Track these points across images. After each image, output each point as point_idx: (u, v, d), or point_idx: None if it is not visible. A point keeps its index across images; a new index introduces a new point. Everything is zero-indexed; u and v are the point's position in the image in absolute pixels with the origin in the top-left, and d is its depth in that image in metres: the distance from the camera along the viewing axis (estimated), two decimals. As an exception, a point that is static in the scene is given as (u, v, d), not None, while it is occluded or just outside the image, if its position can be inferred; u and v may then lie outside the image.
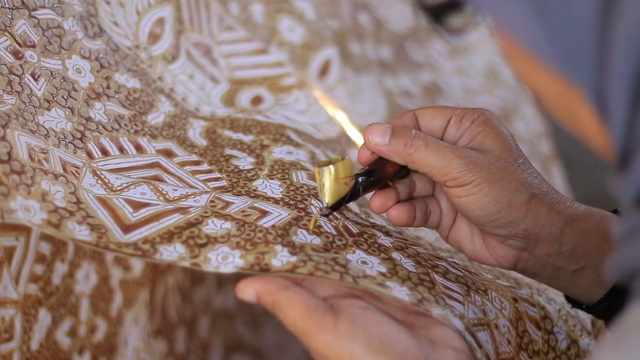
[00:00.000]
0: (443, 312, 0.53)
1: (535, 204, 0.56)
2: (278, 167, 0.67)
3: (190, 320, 0.98)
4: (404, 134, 0.57)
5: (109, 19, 0.72)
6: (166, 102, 0.73)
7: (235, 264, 0.54)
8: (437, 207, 0.62)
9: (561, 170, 1.21)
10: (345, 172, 0.57)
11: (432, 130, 0.60)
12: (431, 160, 0.56)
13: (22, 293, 0.69)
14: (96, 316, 0.78)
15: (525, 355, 0.61)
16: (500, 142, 0.58)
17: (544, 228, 0.56)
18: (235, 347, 1.07)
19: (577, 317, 0.68)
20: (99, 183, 0.61)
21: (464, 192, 0.56)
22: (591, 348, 0.66)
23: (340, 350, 0.49)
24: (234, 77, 0.81)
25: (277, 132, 0.73)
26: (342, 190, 0.57)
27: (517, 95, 1.17)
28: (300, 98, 0.82)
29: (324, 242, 0.57)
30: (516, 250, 0.59)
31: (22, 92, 0.61)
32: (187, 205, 0.60)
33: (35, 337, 0.71)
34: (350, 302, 0.53)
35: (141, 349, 0.85)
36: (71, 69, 0.67)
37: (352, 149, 0.81)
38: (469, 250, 0.61)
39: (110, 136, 0.66)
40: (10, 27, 0.63)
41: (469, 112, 0.59)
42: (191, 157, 0.69)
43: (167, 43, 0.77)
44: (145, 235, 0.57)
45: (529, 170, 0.57)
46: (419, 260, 0.60)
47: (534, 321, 0.63)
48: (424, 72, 1.05)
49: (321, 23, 0.89)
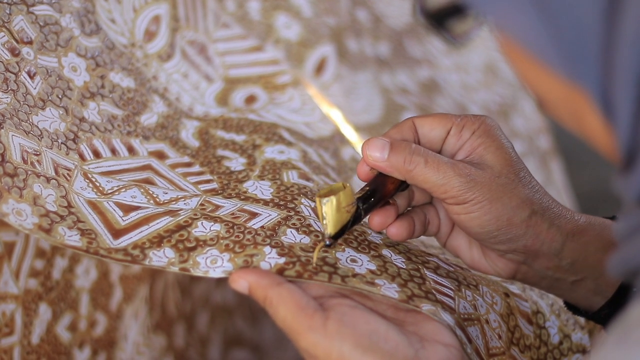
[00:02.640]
0: (433, 308, 0.53)
1: (536, 220, 0.56)
2: (269, 167, 0.67)
3: (190, 315, 0.98)
4: (403, 149, 0.56)
5: (106, 16, 0.71)
6: (160, 102, 0.73)
7: (224, 268, 0.55)
8: (435, 215, 0.61)
9: (560, 166, 1.21)
10: (347, 201, 0.56)
11: (431, 140, 0.59)
12: (431, 178, 0.55)
13: (22, 288, 0.69)
14: (96, 311, 0.79)
15: (517, 350, 0.61)
16: (501, 156, 0.57)
17: (544, 244, 0.56)
18: (235, 342, 1.07)
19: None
20: (90, 186, 0.61)
21: (464, 210, 0.56)
22: (584, 342, 0.66)
23: (329, 350, 0.50)
24: (229, 75, 0.81)
25: (269, 131, 0.73)
26: (344, 218, 0.56)
27: (515, 91, 1.17)
28: (295, 96, 0.82)
29: (313, 241, 0.57)
30: (515, 263, 0.59)
31: (17, 91, 0.61)
32: (177, 208, 0.60)
33: (35, 332, 0.71)
34: (339, 302, 0.53)
35: (141, 344, 0.85)
36: (67, 67, 0.66)
37: (345, 147, 0.81)
38: (467, 259, 0.61)
39: (103, 137, 0.66)
40: (8, 23, 0.63)
41: (469, 122, 0.58)
42: (183, 159, 0.69)
43: (163, 41, 0.76)
44: (135, 241, 0.57)
45: (530, 185, 0.57)
46: (410, 256, 0.60)
47: (525, 316, 0.63)
48: (422, 69, 1.05)
49: (318, 20, 0.89)
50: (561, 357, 0.65)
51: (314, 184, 0.66)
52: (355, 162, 0.79)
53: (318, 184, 0.67)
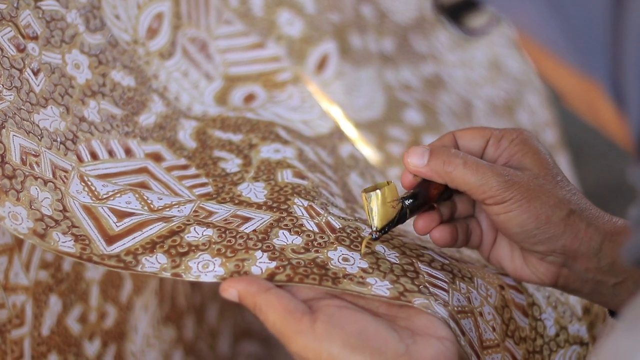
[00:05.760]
0: (426, 301, 0.54)
1: (574, 219, 0.57)
2: (264, 167, 0.68)
3: (199, 307, 0.98)
4: (442, 153, 0.58)
5: (111, 12, 0.71)
6: (159, 101, 0.73)
7: (215, 273, 0.56)
8: (477, 227, 0.63)
9: (567, 159, 1.21)
10: (392, 196, 0.58)
11: (470, 150, 0.61)
12: (470, 179, 0.57)
13: (32, 279, 0.70)
14: (106, 303, 0.79)
15: (512, 342, 0.62)
16: (538, 160, 0.59)
17: (582, 243, 0.57)
18: (244, 335, 1.07)
19: (567, 303, 0.68)
20: (85, 190, 0.62)
21: (503, 210, 0.57)
22: (581, 334, 0.67)
23: (319, 351, 0.51)
24: (229, 73, 0.81)
25: (266, 130, 0.74)
26: (390, 213, 0.58)
27: (520, 86, 1.16)
28: (294, 94, 0.82)
29: (305, 241, 0.58)
30: (556, 267, 0.60)
31: (21, 88, 0.62)
32: (170, 215, 0.61)
33: (46, 323, 0.71)
34: (328, 303, 0.54)
35: (151, 336, 0.86)
36: (70, 64, 0.67)
37: (343, 144, 0.81)
38: (510, 269, 0.62)
39: (101, 138, 0.66)
40: (15, 18, 0.62)
41: (507, 132, 0.60)
42: (179, 161, 0.69)
43: (165, 39, 0.76)
44: (128, 247, 0.58)
45: (568, 187, 0.58)
46: (404, 250, 0.61)
47: (520, 308, 0.64)
48: (427, 64, 1.05)
49: (321, 16, 0.89)
50: (558, 348, 0.65)
51: (308, 182, 0.66)
52: (354, 159, 0.80)
53: (313, 181, 0.67)
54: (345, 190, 0.73)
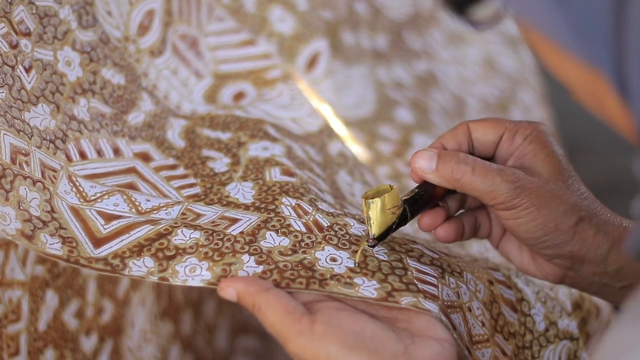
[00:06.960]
0: (414, 299, 0.54)
1: (583, 226, 0.57)
2: (252, 166, 0.68)
3: (197, 302, 0.98)
4: (450, 159, 0.58)
5: (103, 8, 0.71)
6: (148, 100, 0.73)
7: (202, 277, 0.56)
8: (486, 219, 0.63)
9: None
10: (393, 202, 0.57)
11: (484, 144, 0.60)
12: (479, 185, 0.57)
13: (29, 274, 0.69)
14: (103, 298, 0.79)
15: (501, 337, 0.62)
16: (551, 163, 0.58)
17: (590, 250, 0.57)
18: (242, 330, 1.07)
19: (556, 298, 0.68)
20: (73, 191, 0.62)
21: (512, 216, 0.57)
22: (571, 329, 0.67)
23: (317, 352, 0.51)
24: (219, 71, 0.81)
25: (255, 127, 0.74)
26: (389, 220, 0.57)
27: (514, 84, 1.16)
28: (284, 92, 0.82)
29: (292, 242, 0.58)
30: (562, 269, 0.60)
31: (13, 86, 0.61)
32: (158, 218, 0.61)
33: (42, 318, 0.71)
34: (326, 305, 0.54)
35: (148, 331, 0.86)
36: (62, 61, 0.66)
37: (332, 142, 0.81)
38: (517, 263, 0.62)
39: (90, 137, 0.66)
40: (9, 14, 0.62)
41: (522, 127, 0.59)
42: (168, 161, 0.69)
43: (155, 36, 0.76)
44: (115, 250, 0.58)
45: (579, 192, 0.58)
46: (394, 245, 0.61)
47: (509, 303, 0.64)
48: (421, 61, 1.05)
49: (313, 14, 0.89)
50: (547, 344, 0.66)
51: (297, 179, 0.67)
52: (343, 157, 0.80)
53: (302, 178, 0.67)
54: (334, 188, 0.73)
